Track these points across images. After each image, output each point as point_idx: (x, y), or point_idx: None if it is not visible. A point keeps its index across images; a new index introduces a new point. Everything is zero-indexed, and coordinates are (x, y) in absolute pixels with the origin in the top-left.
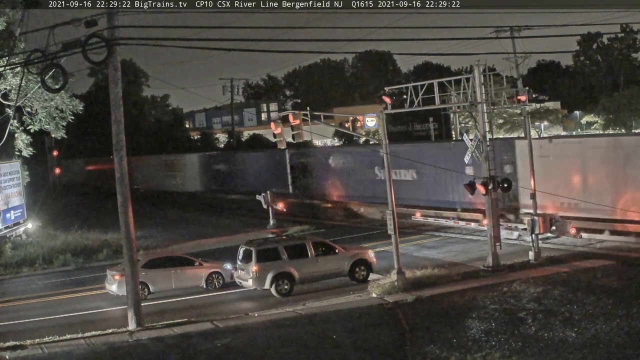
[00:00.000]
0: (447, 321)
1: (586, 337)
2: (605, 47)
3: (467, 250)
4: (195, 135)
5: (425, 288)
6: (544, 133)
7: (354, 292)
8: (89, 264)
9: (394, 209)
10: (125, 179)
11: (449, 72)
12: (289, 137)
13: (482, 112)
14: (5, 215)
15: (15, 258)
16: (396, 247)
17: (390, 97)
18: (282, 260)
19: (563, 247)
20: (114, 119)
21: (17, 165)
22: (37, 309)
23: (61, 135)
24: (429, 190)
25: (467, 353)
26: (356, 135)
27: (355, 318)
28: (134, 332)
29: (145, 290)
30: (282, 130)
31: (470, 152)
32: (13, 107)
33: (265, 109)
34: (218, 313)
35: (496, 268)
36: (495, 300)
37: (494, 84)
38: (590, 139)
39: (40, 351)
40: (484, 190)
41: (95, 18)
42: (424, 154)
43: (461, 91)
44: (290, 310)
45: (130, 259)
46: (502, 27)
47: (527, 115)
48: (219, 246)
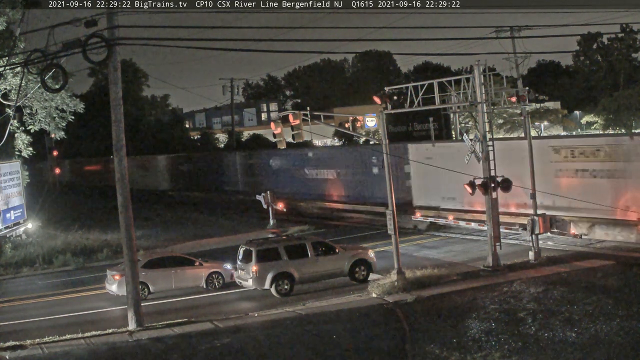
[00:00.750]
0: (447, 321)
1: (586, 337)
2: (605, 47)
3: (467, 250)
4: (195, 135)
5: (426, 288)
6: (544, 133)
7: (354, 292)
8: (89, 264)
9: (394, 209)
10: (125, 179)
11: (449, 72)
12: (289, 137)
13: (482, 112)
14: (5, 215)
15: (15, 258)
16: (396, 247)
17: (390, 97)
18: (282, 260)
19: (563, 247)
20: (114, 119)
21: (17, 165)
22: (37, 309)
23: (61, 135)
24: (346, 186)
25: (467, 353)
26: (356, 135)
27: (355, 318)
28: (134, 332)
29: (145, 290)
30: (282, 130)
31: (471, 152)
32: (13, 107)
33: (265, 109)
34: (218, 313)
35: (496, 268)
36: (495, 300)
37: (494, 84)
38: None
39: (40, 351)
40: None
41: (95, 18)
42: (340, 157)
43: (461, 91)
44: (290, 310)
45: (130, 259)
46: (502, 27)
47: (527, 115)
48: (219, 246)
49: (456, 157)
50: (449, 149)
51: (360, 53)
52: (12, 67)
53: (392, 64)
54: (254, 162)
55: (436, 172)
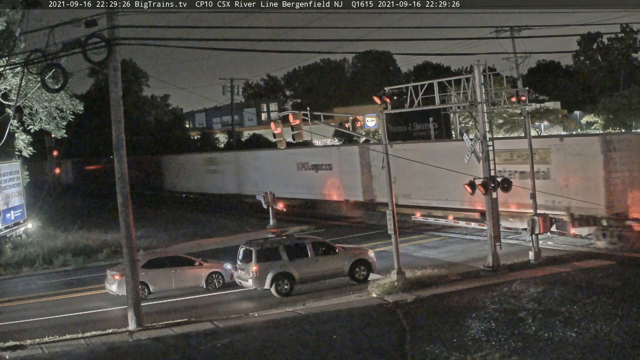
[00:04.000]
0: (447, 321)
1: (586, 337)
2: (605, 47)
3: (467, 250)
4: (195, 135)
5: (425, 288)
6: (544, 133)
7: (354, 292)
8: (89, 264)
9: (394, 209)
10: (125, 178)
11: (449, 72)
12: (289, 137)
13: (482, 112)
14: (5, 215)
15: (15, 258)
16: (396, 247)
17: (390, 97)
18: (282, 260)
19: (563, 247)
20: (114, 119)
21: (17, 165)
22: (37, 309)
23: (61, 135)
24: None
25: (467, 353)
26: (356, 135)
27: (355, 318)
28: (134, 332)
29: (145, 290)
30: (282, 130)
31: (470, 152)
32: (13, 107)
33: (265, 109)
34: (218, 313)
35: (496, 268)
36: (495, 300)
37: (494, 84)
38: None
39: (40, 351)
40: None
41: (95, 18)
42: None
43: (461, 91)
44: (290, 310)
45: (130, 259)
46: (502, 27)
47: (527, 115)
48: (218, 246)
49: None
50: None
51: (360, 53)
52: (12, 67)
53: (392, 64)
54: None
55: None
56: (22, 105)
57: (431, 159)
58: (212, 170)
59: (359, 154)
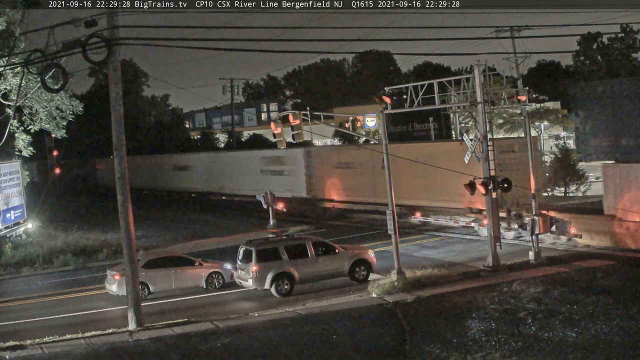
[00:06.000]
0: (447, 321)
1: (586, 337)
2: (605, 47)
3: (467, 250)
4: (195, 135)
5: (425, 288)
6: (544, 133)
7: (354, 292)
8: (89, 264)
9: (394, 209)
10: (125, 178)
11: (449, 72)
12: (289, 137)
13: (482, 112)
14: (5, 215)
15: (15, 258)
16: (396, 247)
17: (390, 97)
18: (282, 260)
19: (563, 247)
20: (114, 119)
21: (17, 165)
22: (37, 309)
23: (61, 135)
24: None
25: (467, 353)
26: (356, 135)
27: (355, 318)
28: (134, 332)
29: (145, 290)
30: (282, 130)
31: (471, 152)
32: (13, 107)
33: (265, 109)
34: (218, 313)
35: (496, 268)
36: (495, 300)
37: (494, 84)
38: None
39: (40, 351)
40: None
41: (95, 18)
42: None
43: (461, 91)
44: (290, 310)
45: (130, 259)
46: (502, 27)
47: (527, 115)
48: (218, 246)
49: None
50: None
51: (360, 53)
52: (12, 67)
53: (392, 64)
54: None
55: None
56: (22, 105)
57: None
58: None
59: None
